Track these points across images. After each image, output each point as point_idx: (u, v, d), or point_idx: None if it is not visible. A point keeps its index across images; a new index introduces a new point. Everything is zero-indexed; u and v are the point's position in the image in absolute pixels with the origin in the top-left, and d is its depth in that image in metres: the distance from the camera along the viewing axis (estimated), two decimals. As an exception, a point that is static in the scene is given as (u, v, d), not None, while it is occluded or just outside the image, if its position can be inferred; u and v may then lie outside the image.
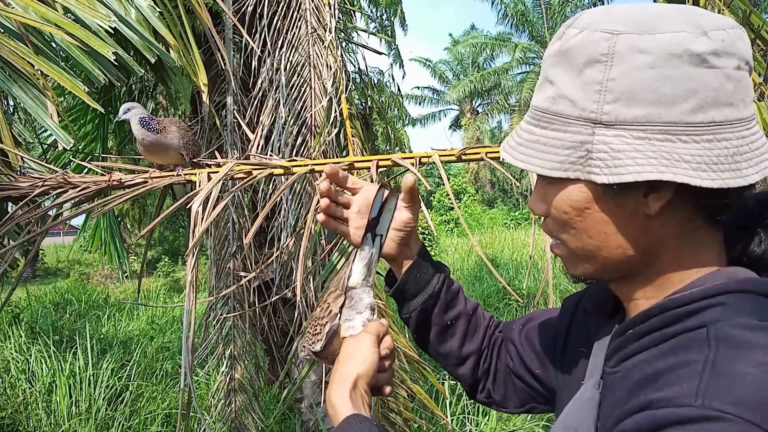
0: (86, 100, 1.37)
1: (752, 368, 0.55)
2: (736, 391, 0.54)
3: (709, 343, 0.60)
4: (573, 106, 0.65)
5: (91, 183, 1.39)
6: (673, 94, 0.61)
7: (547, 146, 0.67)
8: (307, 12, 3.50)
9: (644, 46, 0.62)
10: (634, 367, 0.66)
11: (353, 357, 0.85)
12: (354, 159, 1.61)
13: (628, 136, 0.63)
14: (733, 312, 0.62)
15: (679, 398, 0.55)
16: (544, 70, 0.70)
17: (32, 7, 1.36)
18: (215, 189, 1.36)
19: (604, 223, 0.68)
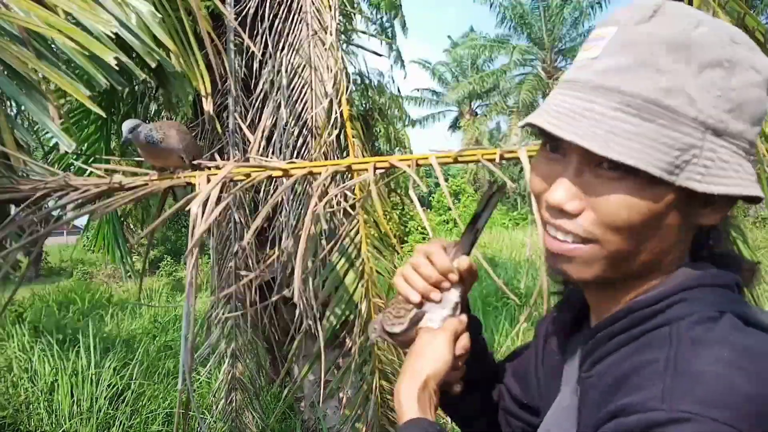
0: (88, 105, 1.39)
1: (712, 365, 0.57)
2: (699, 391, 0.55)
3: (671, 341, 0.61)
4: (691, 105, 0.60)
5: (92, 185, 1.41)
6: (761, 115, 0.64)
7: (657, 142, 0.60)
8: (307, 14, 3.52)
9: (756, 65, 0.62)
10: (606, 370, 0.66)
11: (427, 354, 0.85)
12: (352, 161, 1.63)
13: (731, 148, 0.62)
14: (696, 306, 0.64)
15: (646, 403, 0.56)
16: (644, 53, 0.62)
17: (34, 12, 1.38)
18: (214, 191, 1.38)
19: (666, 229, 0.65)
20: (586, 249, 0.66)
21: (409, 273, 0.89)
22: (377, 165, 1.63)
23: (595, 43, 0.66)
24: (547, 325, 0.92)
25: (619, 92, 0.61)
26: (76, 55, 1.40)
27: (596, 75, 0.63)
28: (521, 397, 0.96)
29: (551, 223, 0.68)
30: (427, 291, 0.88)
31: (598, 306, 0.74)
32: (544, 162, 0.70)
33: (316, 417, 3.86)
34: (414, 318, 0.91)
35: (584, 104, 0.63)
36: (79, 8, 1.42)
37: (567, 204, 0.65)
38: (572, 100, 0.64)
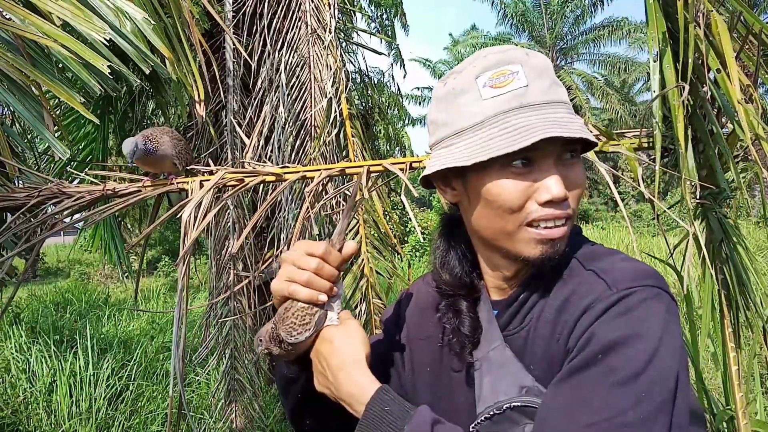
0: (82, 112, 1.39)
1: (622, 262, 0.83)
2: (628, 274, 0.79)
3: (583, 265, 0.85)
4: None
5: (86, 193, 1.41)
6: None
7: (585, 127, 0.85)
8: (306, 13, 3.52)
9: None
10: (543, 309, 0.86)
11: (354, 341, 0.89)
12: (345, 165, 1.64)
13: None
14: (575, 246, 0.88)
15: (602, 294, 0.79)
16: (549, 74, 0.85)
17: (29, 20, 1.39)
18: (206, 197, 1.39)
19: None
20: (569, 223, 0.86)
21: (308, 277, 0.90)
22: (371, 169, 1.64)
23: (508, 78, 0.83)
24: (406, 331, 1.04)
25: (563, 102, 0.85)
26: (71, 63, 1.41)
27: (542, 94, 0.83)
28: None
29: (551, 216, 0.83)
30: (331, 289, 0.92)
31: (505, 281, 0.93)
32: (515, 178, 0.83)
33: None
34: (319, 320, 0.91)
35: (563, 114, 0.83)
36: (73, 15, 1.42)
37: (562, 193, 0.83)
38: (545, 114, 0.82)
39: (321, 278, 0.91)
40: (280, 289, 0.93)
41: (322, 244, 0.91)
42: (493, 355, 0.89)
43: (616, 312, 0.76)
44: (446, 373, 0.96)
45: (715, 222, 2.51)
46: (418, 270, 12.03)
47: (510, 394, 0.84)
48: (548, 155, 0.82)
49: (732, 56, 1.87)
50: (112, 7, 1.50)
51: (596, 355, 0.74)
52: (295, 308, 0.92)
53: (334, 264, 0.92)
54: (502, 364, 0.87)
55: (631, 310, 0.76)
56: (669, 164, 2.31)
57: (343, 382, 0.87)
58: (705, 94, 2.20)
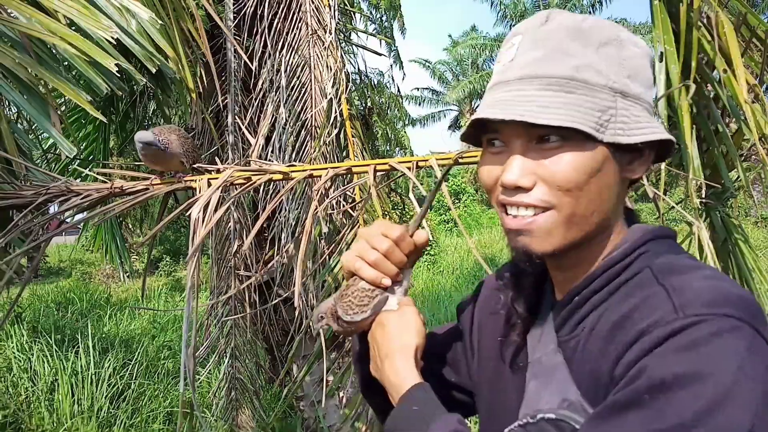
0: (89, 110, 1.39)
1: (703, 281, 0.68)
2: (703, 299, 0.65)
3: (656, 277, 0.71)
4: (599, 75, 0.72)
5: (94, 191, 1.41)
6: (650, 82, 0.77)
7: (582, 107, 0.71)
8: (307, 14, 3.52)
9: (635, 41, 0.76)
10: (598, 321, 0.74)
11: (408, 329, 0.87)
12: (351, 164, 1.64)
13: (637, 107, 0.74)
14: (655, 254, 0.75)
15: (664, 318, 0.65)
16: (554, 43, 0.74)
17: (36, 18, 1.39)
18: (215, 195, 1.39)
19: (606, 187, 0.74)
20: (544, 217, 0.74)
21: (376, 258, 0.88)
22: (377, 167, 1.64)
23: (506, 52, 0.78)
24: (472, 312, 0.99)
25: (542, 77, 0.73)
26: (77, 61, 1.41)
27: (519, 69, 0.74)
28: (449, 377, 1.01)
29: (509, 203, 0.76)
30: (397, 275, 0.90)
31: (564, 280, 0.82)
32: (489, 158, 0.79)
33: (316, 416, 3.87)
34: (378, 304, 0.89)
35: (515, 93, 0.73)
36: (79, 14, 1.42)
37: (521, 180, 0.73)
38: (503, 94, 0.74)
39: (389, 261, 0.89)
40: (349, 263, 0.91)
41: (399, 227, 0.89)
42: (545, 358, 0.81)
43: (676, 344, 0.62)
44: (505, 370, 0.89)
45: (718, 221, 2.52)
46: (418, 270, 12.04)
47: (551, 404, 0.76)
48: (516, 137, 0.74)
49: (738, 56, 1.87)
50: (118, 6, 1.50)
51: (642, 394, 0.62)
52: (356, 287, 0.90)
53: (405, 250, 0.89)
54: (552, 370, 0.79)
55: (696, 343, 0.61)
56: (673, 164, 2.31)
57: (387, 370, 0.85)
58: (710, 94, 2.21)
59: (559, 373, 0.77)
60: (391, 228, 0.89)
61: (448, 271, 11.88)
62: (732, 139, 2.26)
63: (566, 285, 0.81)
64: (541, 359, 0.81)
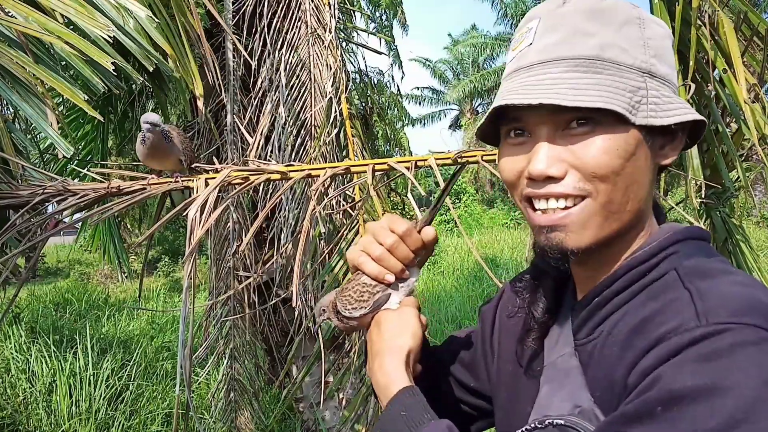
0: (86, 109, 1.38)
1: (732, 286, 0.63)
2: (730, 305, 0.60)
3: (683, 280, 0.66)
4: (626, 54, 0.69)
5: (91, 190, 1.40)
6: (673, 63, 0.73)
7: (612, 88, 0.67)
8: (306, 12, 3.51)
9: (657, 21, 0.73)
10: (616, 325, 0.70)
11: (403, 331, 0.85)
12: (350, 164, 1.63)
13: (664, 88, 0.70)
14: (685, 256, 0.70)
15: (684, 325, 0.60)
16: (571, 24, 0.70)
17: (33, 17, 1.38)
18: (212, 195, 1.38)
19: (641, 172, 0.70)
20: (580, 207, 0.69)
21: (380, 253, 0.86)
22: (376, 167, 1.63)
23: (523, 37, 0.73)
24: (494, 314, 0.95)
25: (564, 59, 0.68)
26: (74, 60, 1.40)
27: (538, 54, 0.70)
28: (468, 382, 0.98)
29: (537, 195, 0.71)
30: (402, 272, 0.87)
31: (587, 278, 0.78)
32: (510, 150, 0.74)
33: (316, 418, 3.86)
34: (378, 301, 0.87)
35: (539, 77, 0.69)
36: (76, 13, 1.41)
37: (551, 168, 0.69)
38: (525, 78, 0.70)
39: (393, 257, 0.86)
40: (352, 257, 0.88)
41: (407, 222, 0.86)
42: (560, 361, 0.77)
43: (695, 353, 0.57)
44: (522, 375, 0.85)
45: (719, 221, 2.51)
46: (417, 270, 12.00)
47: (562, 409, 0.72)
48: (540, 123, 0.70)
49: (738, 56, 1.87)
50: (116, 5, 1.49)
51: (655, 406, 0.57)
52: (357, 282, 0.88)
53: (411, 246, 0.86)
54: (565, 374, 0.75)
55: (717, 354, 0.56)
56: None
57: (377, 370, 0.83)
58: (710, 93, 2.20)
59: (572, 377, 0.73)
60: (398, 222, 0.86)
61: (448, 271, 11.87)
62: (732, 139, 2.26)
63: (588, 284, 0.77)
64: (556, 362, 0.78)
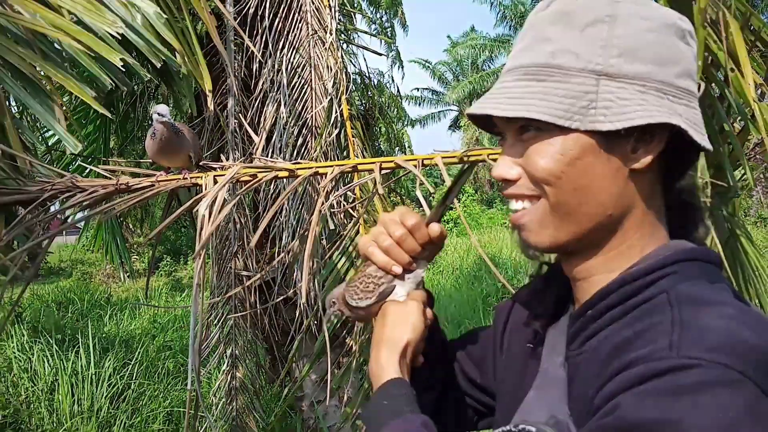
0: (94, 106, 1.38)
1: (717, 320, 0.59)
2: (707, 340, 0.56)
3: (671, 304, 0.63)
4: (577, 59, 0.68)
5: (99, 187, 1.40)
6: (666, 57, 0.69)
7: (549, 95, 0.68)
8: (307, 14, 3.51)
9: (644, 14, 0.69)
10: (601, 343, 0.68)
11: (403, 323, 0.86)
12: (357, 162, 1.63)
13: (630, 89, 0.68)
14: (685, 278, 0.67)
15: (654, 353, 0.57)
16: (537, 31, 0.72)
17: (40, 14, 1.38)
18: (221, 192, 1.38)
19: (592, 176, 0.69)
20: (533, 208, 0.73)
21: (390, 245, 0.87)
22: (383, 165, 1.63)
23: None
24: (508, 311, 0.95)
25: (520, 67, 0.71)
26: (81, 56, 1.40)
27: (510, 61, 0.74)
28: (476, 378, 0.99)
29: (504, 195, 0.76)
30: (409, 264, 0.89)
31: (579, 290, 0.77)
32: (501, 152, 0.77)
33: (317, 416, 3.86)
34: (383, 292, 0.88)
35: (497, 85, 0.73)
36: (84, 9, 1.42)
37: (506, 173, 0.74)
38: (494, 86, 0.74)
39: (401, 249, 0.87)
40: (362, 246, 0.90)
41: (416, 216, 0.88)
42: (551, 369, 0.77)
43: (657, 386, 0.55)
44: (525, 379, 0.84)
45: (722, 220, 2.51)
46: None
47: (539, 418, 0.71)
48: (506, 130, 0.75)
49: (745, 55, 1.87)
50: (124, 1, 1.50)
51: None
52: (365, 273, 0.90)
53: (419, 240, 0.87)
54: (551, 383, 0.75)
55: (681, 390, 0.53)
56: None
57: (372, 360, 0.84)
58: (715, 93, 2.20)
59: (556, 388, 0.73)
60: (409, 216, 0.87)
61: (448, 271, 11.87)
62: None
63: (583, 294, 0.76)
64: (547, 370, 0.78)
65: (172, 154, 1.62)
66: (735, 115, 2.27)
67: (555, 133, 0.69)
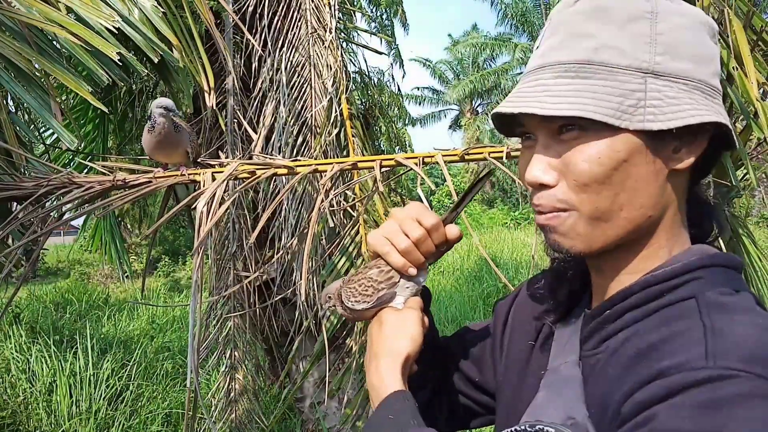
0: (90, 100, 1.37)
1: (751, 328, 0.59)
2: (742, 350, 0.56)
3: (701, 311, 0.62)
4: (622, 56, 0.66)
5: (96, 183, 1.38)
6: (702, 55, 0.68)
7: (598, 94, 0.65)
8: (307, 12, 3.50)
9: (680, 10, 0.68)
10: (623, 344, 0.67)
11: (403, 335, 0.83)
12: (358, 159, 1.61)
13: (675, 87, 0.66)
14: (710, 284, 0.66)
15: (690, 362, 0.56)
16: (570, 27, 0.69)
17: (36, 7, 1.36)
18: (220, 189, 1.36)
19: (637, 178, 0.67)
20: (564, 217, 0.69)
21: (407, 247, 0.83)
22: (383, 163, 1.61)
23: (539, 39, 0.74)
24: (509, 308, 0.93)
25: (558, 64, 0.68)
26: (78, 51, 1.38)
27: (539, 58, 0.70)
28: (474, 377, 0.96)
29: (533, 204, 0.72)
30: (423, 265, 0.86)
31: (601, 286, 0.75)
32: (524, 153, 0.74)
33: (316, 417, 3.84)
34: (382, 298, 0.85)
35: (531, 83, 0.69)
36: (81, 3, 1.40)
37: (543, 177, 0.69)
38: (521, 85, 0.71)
39: (418, 251, 0.84)
40: (375, 245, 0.86)
41: (435, 216, 0.84)
42: (563, 368, 0.75)
43: (695, 397, 0.54)
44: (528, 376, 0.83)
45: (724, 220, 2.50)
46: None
47: (554, 418, 0.70)
48: (539, 129, 0.70)
49: (748, 54, 1.85)
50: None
51: None
52: (364, 276, 0.86)
53: (436, 241, 0.84)
54: (565, 383, 0.73)
55: (719, 402, 0.53)
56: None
57: (372, 371, 0.81)
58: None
59: (572, 388, 0.71)
60: (427, 215, 0.84)
61: (448, 271, 11.86)
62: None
63: (603, 293, 0.74)
64: (559, 368, 0.76)
65: (170, 149, 1.60)
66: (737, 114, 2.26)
67: (602, 133, 0.65)
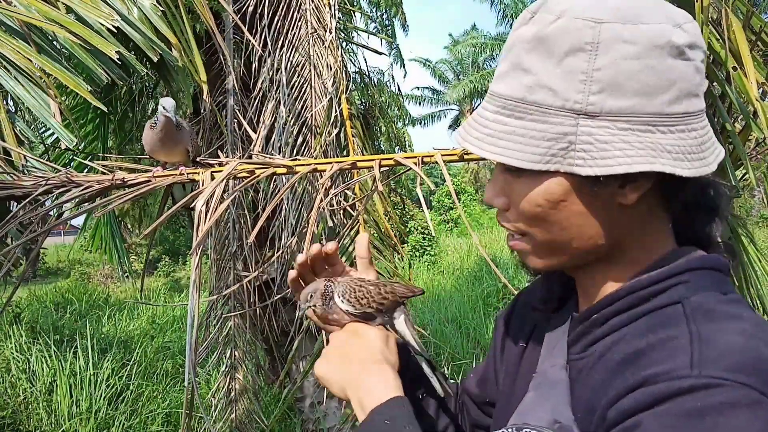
0: (89, 99, 1.37)
1: (737, 336, 0.58)
2: (729, 359, 0.55)
3: (687, 318, 0.61)
4: (554, 96, 0.63)
5: (95, 182, 1.39)
6: (655, 85, 0.62)
7: (526, 138, 0.64)
8: (307, 12, 3.49)
9: (629, 36, 0.61)
10: (610, 348, 0.66)
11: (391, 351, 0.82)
12: (357, 159, 1.61)
13: (612, 128, 0.62)
14: (697, 288, 0.65)
15: (675, 371, 0.56)
16: (515, 55, 0.66)
17: (35, 6, 1.36)
18: (219, 188, 1.36)
19: (578, 215, 0.67)
20: (522, 241, 0.72)
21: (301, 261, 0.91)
22: (382, 162, 1.61)
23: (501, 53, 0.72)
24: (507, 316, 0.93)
25: (498, 96, 0.67)
26: (77, 50, 1.38)
27: (493, 82, 0.69)
28: (484, 398, 0.95)
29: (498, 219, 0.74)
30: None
31: (586, 293, 0.75)
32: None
33: (316, 417, 3.84)
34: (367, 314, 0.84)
35: (480, 111, 0.69)
36: (80, 2, 1.40)
37: (494, 200, 0.72)
38: (479, 110, 0.70)
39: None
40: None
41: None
42: (550, 372, 0.74)
43: (680, 406, 0.54)
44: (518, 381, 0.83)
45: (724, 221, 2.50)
46: (418, 270, 12.02)
47: (540, 421, 0.69)
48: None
49: (748, 54, 1.86)
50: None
51: None
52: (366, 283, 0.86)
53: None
54: (553, 386, 0.72)
55: (703, 411, 0.53)
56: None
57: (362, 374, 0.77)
58: (717, 92, 2.19)
59: (559, 391, 0.71)
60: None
61: (448, 271, 11.86)
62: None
63: (588, 297, 0.75)
64: (546, 371, 0.76)
65: (171, 147, 1.60)
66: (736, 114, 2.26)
67: (538, 175, 0.65)
